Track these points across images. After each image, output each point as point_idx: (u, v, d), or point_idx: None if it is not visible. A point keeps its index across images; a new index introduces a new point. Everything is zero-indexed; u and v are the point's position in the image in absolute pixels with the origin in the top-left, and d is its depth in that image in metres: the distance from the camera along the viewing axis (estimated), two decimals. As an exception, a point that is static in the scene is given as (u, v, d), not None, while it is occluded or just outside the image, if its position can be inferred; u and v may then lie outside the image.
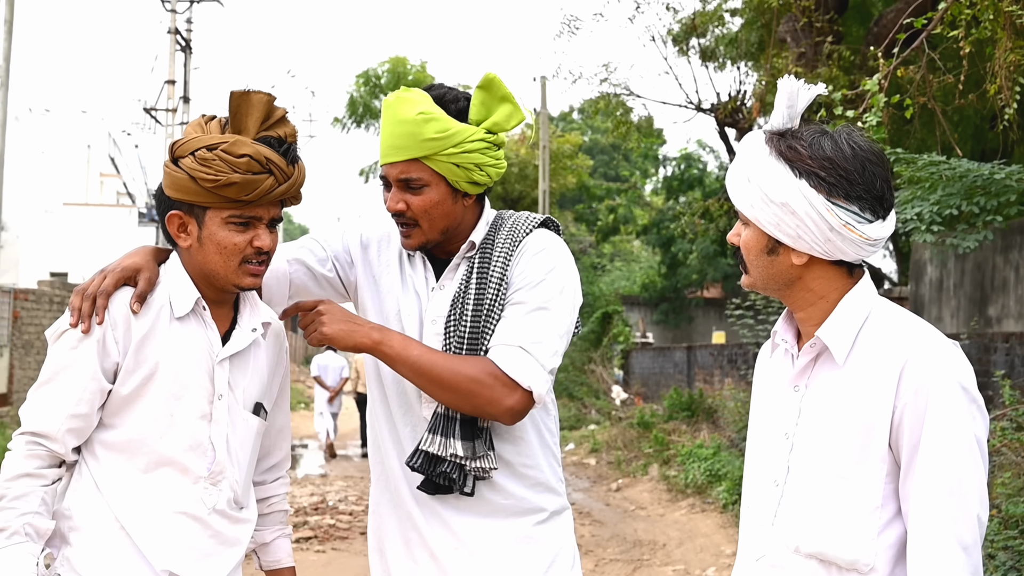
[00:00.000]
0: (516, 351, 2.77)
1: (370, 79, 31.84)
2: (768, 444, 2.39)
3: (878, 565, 2.18)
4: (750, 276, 2.35)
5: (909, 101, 7.71)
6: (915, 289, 16.88)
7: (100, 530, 2.60)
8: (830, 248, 2.21)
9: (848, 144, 2.20)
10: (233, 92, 2.60)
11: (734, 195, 2.31)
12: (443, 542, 2.92)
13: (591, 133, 48.16)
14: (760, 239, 2.28)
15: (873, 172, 2.19)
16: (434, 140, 2.79)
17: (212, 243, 2.62)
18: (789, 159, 2.21)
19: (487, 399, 2.75)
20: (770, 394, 2.43)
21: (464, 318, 2.84)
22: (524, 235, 2.93)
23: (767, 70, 13.87)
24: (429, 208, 2.86)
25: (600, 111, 19.51)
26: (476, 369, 2.76)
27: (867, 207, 2.19)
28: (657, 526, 11.43)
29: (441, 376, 2.76)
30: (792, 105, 2.29)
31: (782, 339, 2.41)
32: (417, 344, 2.81)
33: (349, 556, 9.43)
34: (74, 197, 37.93)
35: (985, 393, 11.26)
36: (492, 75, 2.86)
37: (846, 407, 2.22)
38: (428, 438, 2.81)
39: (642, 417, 18.28)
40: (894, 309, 2.29)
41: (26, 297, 20.04)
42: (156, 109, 32.52)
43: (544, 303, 2.83)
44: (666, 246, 32.55)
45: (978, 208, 7.51)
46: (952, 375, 2.15)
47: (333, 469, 16.80)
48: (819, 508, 2.24)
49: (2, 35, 15.69)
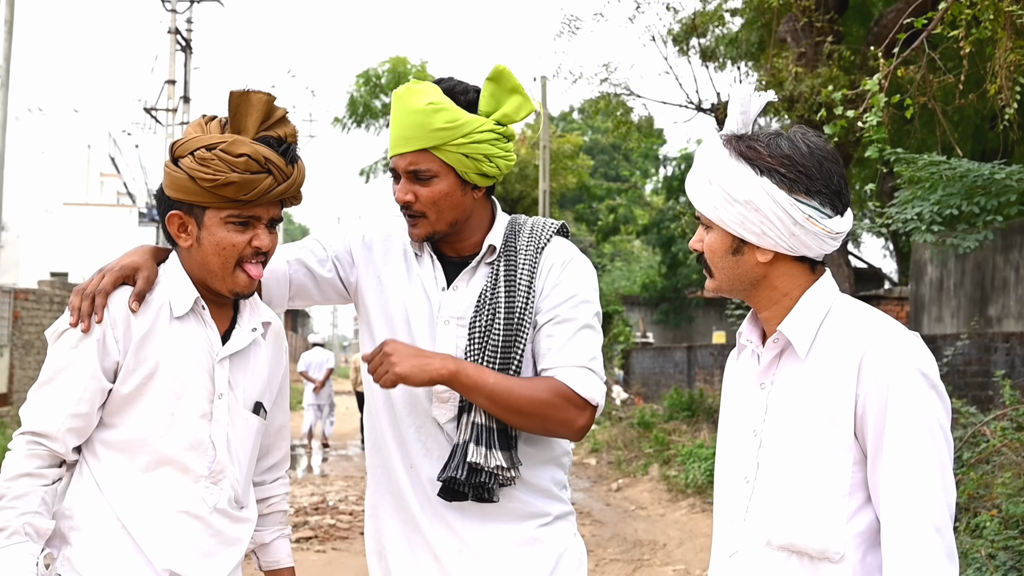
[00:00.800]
0: (583, 371, 2.82)
1: (370, 79, 31.82)
2: (737, 442, 2.43)
3: (848, 553, 2.22)
4: (715, 279, 2.39)
5: (909, 101, 7.71)
6: (915, 289, 16.89)
7: (101, 529, 2.60)
8: (794, 243, 2.26)
9: (804, 143, 2.27)
10: (233, 92, 2.60)
11: (696, 199, 2.35)
12: (447, 544, 2.91)
13: (591, 133, 48.19)
14: (724, 240, 2.33)
15: (830, 168, 2.26)
16: (443, 130, 2.78)
17: (211, 243, 2.62)
18: (749, 158, 2.26)
19: (562, 421, 2.80)
20: (738, 394, 2.48)
21: (495, 324, 2.84)
22: (545, 242, 2.95)
23: (767, 70, 13.85)
24: (438, 199, 2.85)
25: (600, 111, 19.47)
26: (550, 393, 2.78)
27: (827, 202, 2.25)
28: (657, 526, 11.43)
29: (519, 403, 2.77)
30: (745, 111, 2.34)
31: (747, 339, 2.45)
32: (490, 372, 2.80)
33: (349, 556, 9.43)
34: (74, 197, 37.95)
35: (985, 393, 11.27)
36: (502, 67, 2.86)
37: (810, 400, 2.26)
38: (473, 449, 2.80)
39: (642, 417, 18.29)
40: (854, 304, 2.34)
41: (26, 297, 20.05)
42: (156, 109, 32.52)
43: (590, 321, 2.89)
44: (666, 246, 32.56)
45: (978, 208, 7.52)
46: (911, 362, 2.19)
47: (333, 469, 16.81)
48: (788, 500, 2.28)
49: (2, 35, 15.69)
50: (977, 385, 11.64)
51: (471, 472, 2.81)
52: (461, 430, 2.85)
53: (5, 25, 15.81)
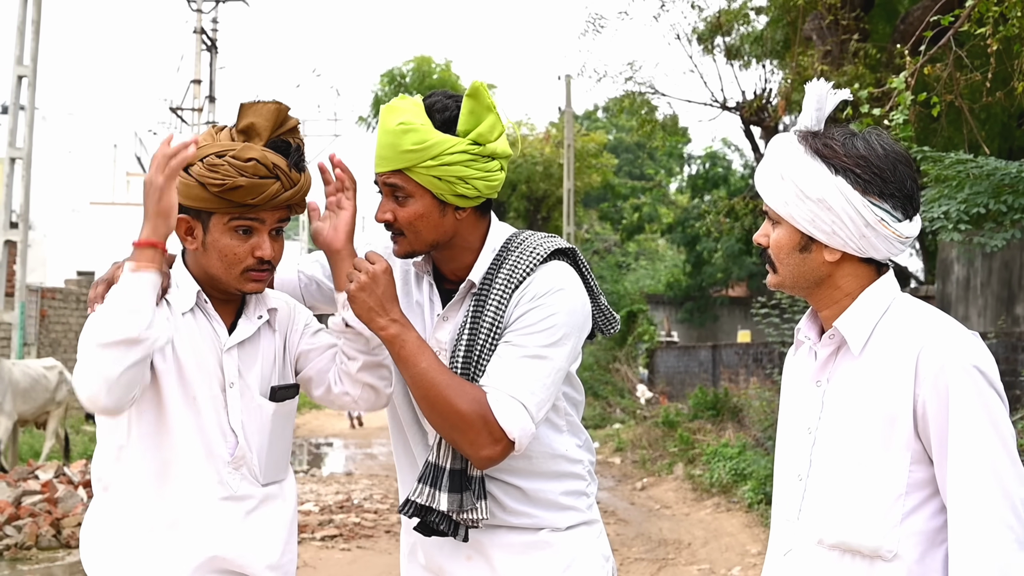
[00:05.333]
0: (513, 403, 2.67)
1: (395, 78, 31.89)
2: (792, 440, 2.43)
3: (904, 552, 2.21)
4: (778, 275, 2.38)
5: (936, 99, 7.67)
6: (942, 288, 16.79)
7: (132, 516, 2.68)
8: (864, 244, 2.26)
9: (879, 144, 2.26)
10: (243, 103, 2.67)
11: (766, 193, 2.34)
12: (455, 553, 2.92)
13: (616, 132, 48.08)
14: (793, 237, 2.32)
15: (904, 172, 2.25)
16: (411, 152, 2.71)
17: (215, 249, 2.68)
18: (825, 156, 2.26)
19: (470, 441, 2.67)
20: (795, 391, 2.47)
21: (456, 359, 2.79)
22: (527, 274, 2.81)
23: (792, 68, 13.81)
24: (414, 220, 2.78)
25: (625, 110, 19.47)
26: (472, 407, 2.65)
27: (898, 205, 2.25)
28: (682, 525, 11.41)
29: (437, 401, 2.68)
30: (820, 107, 2.35)
31: (805, 336, 2.45)
32: (432, 355, 2.71)
33: (374, 554, 9.44)
34: (100, 196, 38.16)
35: (1012, 392, 11.19)
36: (478, 83, 2.75)
37: (866, 398, 2.26)
38: (418, 488, 2.77)
39: (667, 416, 18.25)
40: (914, 302, 2.33)
41: (53, 296, 20.18)
42: (182, 108, 32.68)
43: (541, 352, 2.73)
44: (691, 245, 32.47)
45: (1005, 207, 7.46)
46: (968, 359, 2.18)
47: (358, 468, 16.86)
48: (841, 498, 2.27)
49: (29, 35, 15.80)
50: (1004, 385, 11.52)
51: (418, 510, 2.77)
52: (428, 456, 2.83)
53: (32, 25, 15.91)
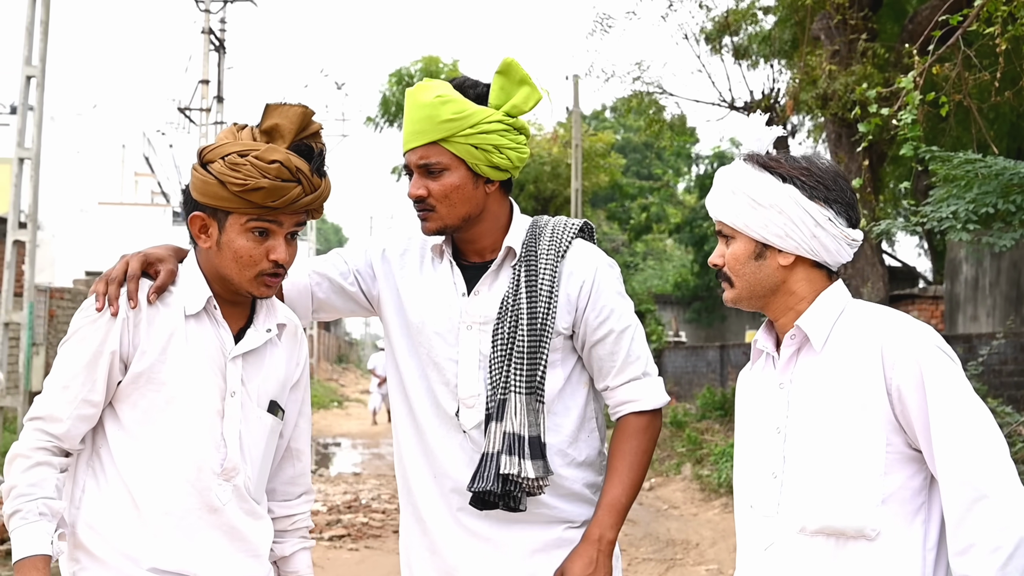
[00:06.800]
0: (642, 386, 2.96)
1: (403, 78, 31.82)
2: (759, 443, 2.55)
3: (885, 529, 2.33)
4: (735, 288, 2.55)
5: (944, 99, 7.66)
6: (950, 288, 16.77)
7: (113, 522, 2.62)
8: (815, 246, 2.44)
9: (818, 160, 2.50)
10: (269, 104, 2.63)
11: (719, 211, 2.52)
12: (467, 557, 2.92)
13: (624, 131, 48.02)
14: (747, 247, 2.50)
15: (843, 184, 2.48)
16: (451, 121, 2.80)
17: (230, 250, 2.63)
18: (772, 168, 2.47)
19: (655, 440, 3.01)
20: (755, 400, 2.61)
21: (519, 330, 2.85)
22: (566, 247, 2.96)
23: (801, 68, 13.77)
24: (449, 192, 2.86)
25: (633, 109, 19.40)
26: (640, 439, 2.96)
27: (842, 211, 2.45)
28: (690, 525, 11.40)
29: (642, 474, 2.96)
30: (760, 139, 2.54)
31: (763, 345, 2.60)
32: (615, 488, 2.92)
33: (382, 554, 9.47)
34: (109, 196, 38.19)
35: (1021, 392, 11.18)
36: (510, 59, 2.89)
37: (834, 390, 2.40)
38: (507, 460, 2.80)
39: (675, 416, 18.25)
40: (866, 304, 2.51)
41: (62, 296, 20.22)
42: (190, 109, 32.66)
43: (631, 321, 2.98)
44: (699, 245, 32.46)
45: (1014, 206, 7.45)
46: (931, 342, 2.36)
47: (366, 468, 16.87)
48: (821, 486, 2.39)
49: (38, 36, 15.82)
50: (1013, 385, 11.55)
51: (504, 483, 2.81)
52: (490, 438, 2.85)
53: (40, 26, 15.93)
